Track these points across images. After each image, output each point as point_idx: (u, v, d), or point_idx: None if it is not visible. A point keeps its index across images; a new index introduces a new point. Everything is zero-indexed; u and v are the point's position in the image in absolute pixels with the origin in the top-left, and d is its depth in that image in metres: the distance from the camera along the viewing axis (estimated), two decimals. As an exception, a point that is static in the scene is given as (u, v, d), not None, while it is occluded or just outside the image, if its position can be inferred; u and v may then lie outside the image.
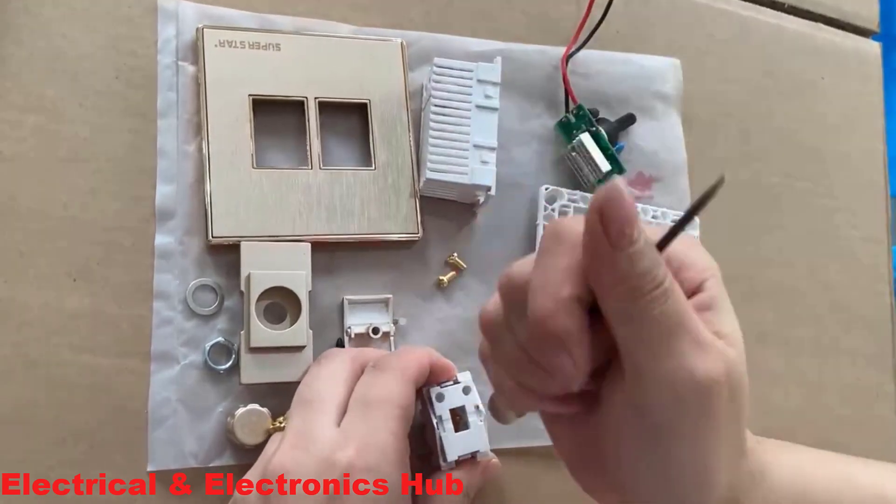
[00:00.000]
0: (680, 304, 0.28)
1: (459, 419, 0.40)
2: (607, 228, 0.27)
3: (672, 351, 0.28)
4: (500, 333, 0.31)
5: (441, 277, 0.46)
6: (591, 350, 0.28)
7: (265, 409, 0.40)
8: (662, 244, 0.29)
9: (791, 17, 0.61)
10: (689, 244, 0.32)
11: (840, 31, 0.63)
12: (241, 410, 0.40)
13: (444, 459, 0.39)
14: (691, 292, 0.31)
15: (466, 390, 0.40)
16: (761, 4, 0.60)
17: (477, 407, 0.40)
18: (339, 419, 0.36)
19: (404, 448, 0.35)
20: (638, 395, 0.29)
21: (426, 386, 0.40)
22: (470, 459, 0.39)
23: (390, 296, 0.44)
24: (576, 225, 0.28)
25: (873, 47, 0.64)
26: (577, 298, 0.28)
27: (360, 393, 0.36)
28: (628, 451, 0.30)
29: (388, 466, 0.32)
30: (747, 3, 0.60)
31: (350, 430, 0.34)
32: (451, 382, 0.40)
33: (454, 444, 0.39)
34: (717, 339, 0.29)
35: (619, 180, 0.26)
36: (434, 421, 0.39)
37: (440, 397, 0.40)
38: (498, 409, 0.35)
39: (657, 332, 0.28)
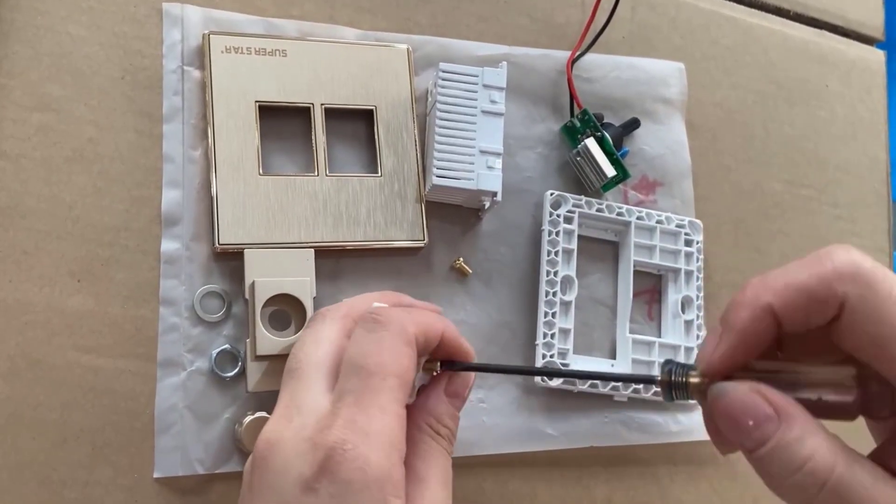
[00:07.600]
0: None
1: None
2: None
3: None
4: None
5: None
6: None
7: None
8: None
9: (796, 25, 0.61)
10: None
11: (844, 39, 0.63)
12: (249, 418, 0.40)
13: None
14: None
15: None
16: (767, 11, 0.61)
17: None
18: (329, 385, 0.32)
19: (397, 425, 0.30)
20: None
21: (431, 360, 0.35)
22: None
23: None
24: None
25: (877, 55, 0.64)
26: None
27: (353, 353, 0.31)
28: None
29: (372, 450, 0.28)
30: (753, 10, 0.60)
31: (339, 404, 0.30)
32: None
33: None
34: None
35: None
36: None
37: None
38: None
39: None
